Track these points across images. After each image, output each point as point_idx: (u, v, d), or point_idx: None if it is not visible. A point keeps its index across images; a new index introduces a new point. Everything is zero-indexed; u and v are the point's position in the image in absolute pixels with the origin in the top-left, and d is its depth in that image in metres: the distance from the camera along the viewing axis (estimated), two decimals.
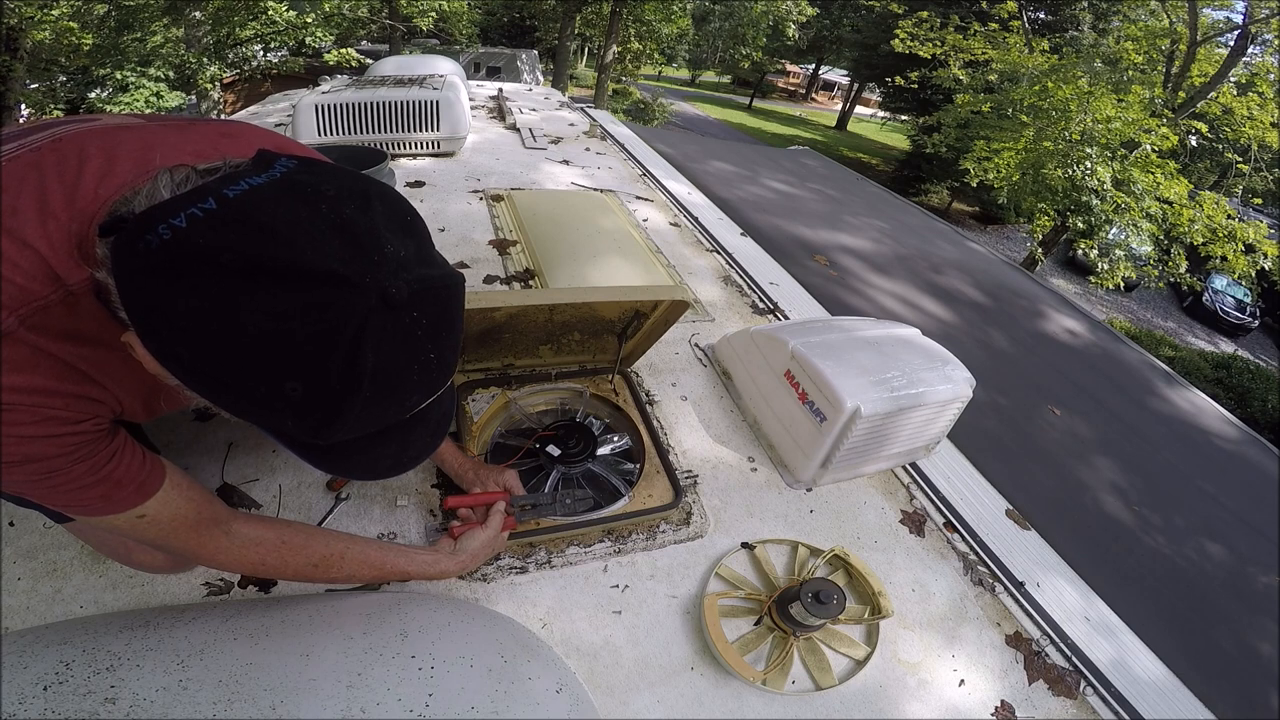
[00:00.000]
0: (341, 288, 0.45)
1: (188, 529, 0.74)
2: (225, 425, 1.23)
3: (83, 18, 9.04)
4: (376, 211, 0.51)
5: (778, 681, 1.00)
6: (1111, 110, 7.75)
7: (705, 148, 4.79)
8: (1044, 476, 2.11)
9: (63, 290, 0.54)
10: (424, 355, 0.51)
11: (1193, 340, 12.71)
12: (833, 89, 37.58)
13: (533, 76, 13.44)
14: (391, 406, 0.53)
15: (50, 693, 0.67)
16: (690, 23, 15.80)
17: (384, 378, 0.48)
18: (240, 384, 0.47)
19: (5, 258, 0.52)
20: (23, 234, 0.53)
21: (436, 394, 0.56)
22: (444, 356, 0.54)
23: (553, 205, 2.43)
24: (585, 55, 30.14)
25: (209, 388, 0.49)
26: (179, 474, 0.74)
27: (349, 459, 0.60)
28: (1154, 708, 1.13)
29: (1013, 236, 16.13)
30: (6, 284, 0.51)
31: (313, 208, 0.47)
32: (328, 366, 0.45)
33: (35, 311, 0.52)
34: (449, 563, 0.96)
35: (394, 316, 0.47)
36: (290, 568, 0.83)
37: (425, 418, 0.61)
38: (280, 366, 0.45)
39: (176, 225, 0.44)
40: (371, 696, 0.73)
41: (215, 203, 0.45)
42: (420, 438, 0.64)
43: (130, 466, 0.66)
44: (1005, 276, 4.15)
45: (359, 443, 0.56)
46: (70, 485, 0.61)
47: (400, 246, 0.50)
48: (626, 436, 1.39)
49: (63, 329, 0.55)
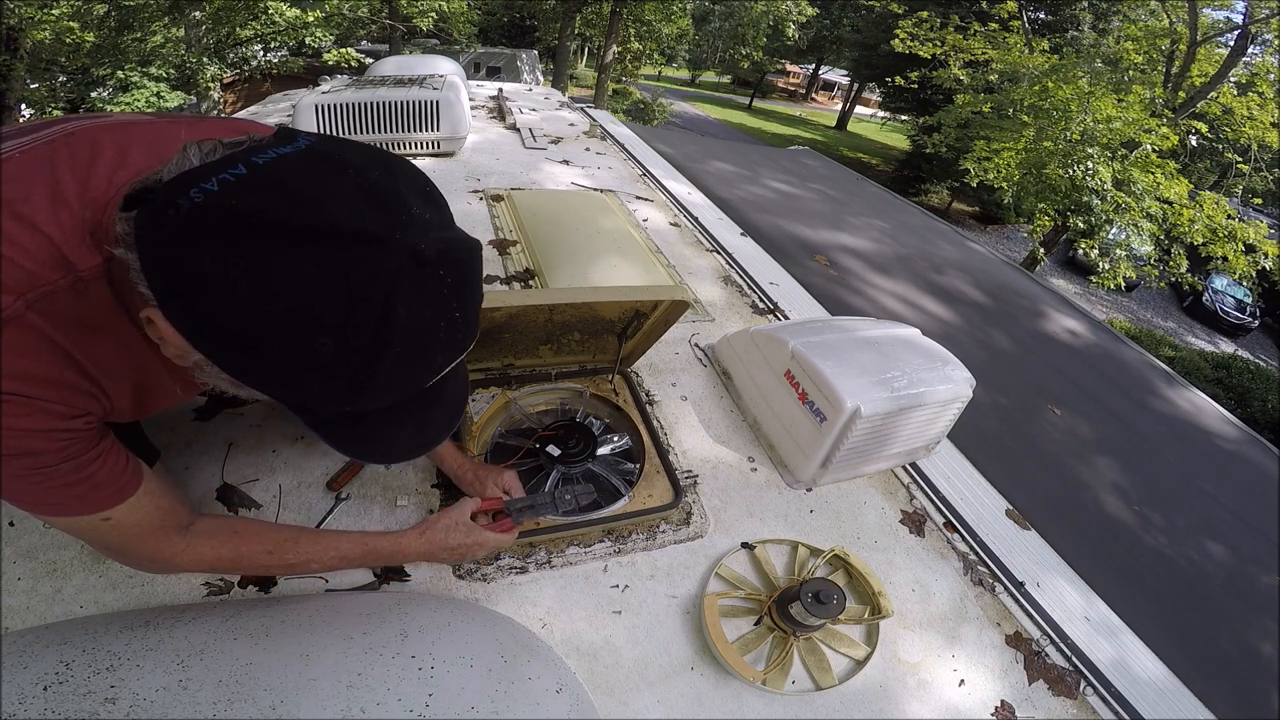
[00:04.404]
0: (372, 245, 0.46)
1: (147, 534, 0.73)
2: (225, 425, 1.22)
3: (83, 17, 9.03)
4: (400, 179, 0.52)
5: (778, 681, 1.00)
6: (1112, 110, 7.75)
7: (705, 148, 4.79)
8: (1044, 476, 2.11)
9: (72, 276, 0.54)
10: (450, 313, 0.52)
11: (1193, 340, 12.71)
12: (833, 89, 37.58)
13: (533, 76, 13.44)
14: (419, 367, 0.52)
15: (50, 693, 0.66)
16: (690, 23, 15.81)
17: (413, 334, 0.49)
18: (270, 346, 0.46)
19: (14, 242, 0.51)
20: (34, 220, 0.53)
21: (461, 355, 0.56)
22: (468, 316, 0.54)
23: (553, 205, 2.43)
24: (585, 55, 30.15)
25: (236, 356, 0.48)
26: (154, 480, 0.73)
27: (369, 436, 0.59)
28: (1154, 708, 1.13)
29: (1013, 236, 16.13)
30: (15, 268, 0.51)
31: (340, 173, 0.48)
32: (359, 322, 0.46)
33: (43, 296, 0.52)
34: (412, 541, 0.94)
35: (423, 274, 0.48)
36: (245, 557, 0.82)
37: (442, 395, 0.61)
38: (312, 323, 0.45)
39: (208, 189, 0.45)
40: (371, 696, 0.73)
41: (245, 169, 0.46)
42: (438, 417, 0.64)
43: (113, 470, 0.65)
44: (1005, 276, 4.15)
45: (380, 417, 0.56)
46: (51, 484, 0.60)
47: (424, 211, 0.51)
48: (626, 436, 1.39)
49: (68, 316, 0.54)
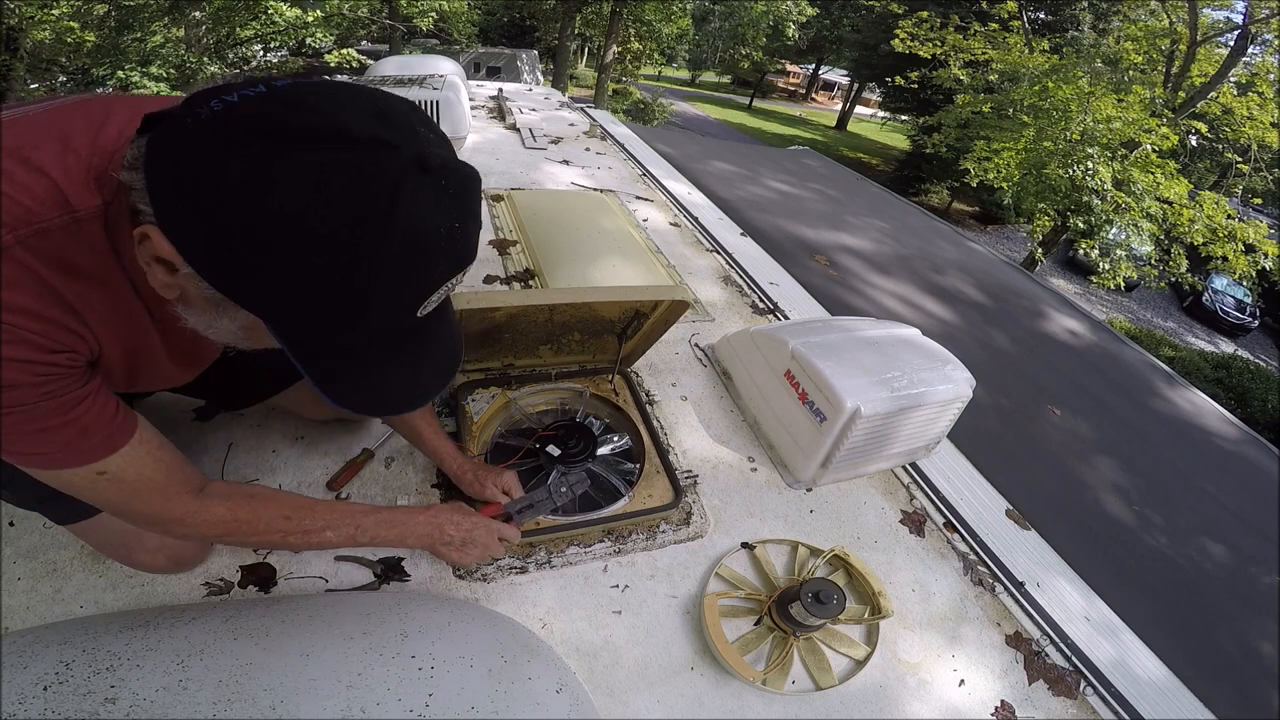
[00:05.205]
0: (381, 149, 0.48)
1: (152, 492, 0.71)
2: (225, 425, 1.23)
3: (83, 17, 9.04)
4: (409, 108, 0.55)
5: (778, 681, 1.00)
6: (1112, 110, 7.75)
7: (705, 148, 4.78)
8: (1044, 476, 2.11)
9: (68, 216, 0.55)
10: (451, 222, 0.53)
11: (1193, 340, 12.70)
12: (833, 89, 37.56)
13: (533, 76, 13.42)
14: (419, 273, 0.53)
15: (50, 693, 0.67)
16: (690, 23, 15.79)
17: (416, 235, 0.50)
18: (268, 244, 0.47)
19: (15, 181, 0.53)
20: (40, 164, 0.54)
21: (460, 273, 0.57)
22: (468, 233, 0.56)
23: (553, 205, 2.43)
24: (585, 55, 30.14)
25: (235, 266, 0.49)
26: (151, 432, 0.71)
27: (361, 378, 0.60)
28: (1154, 708, 1.13)
29: (1013, 236, 16.12)
30: (12, 204, 0.52)
31: (354, 96, 0.51)
32: (363, 216, 0.47)
33: (35, 233, 0.53)
34: (419, 517, 0.95)
35: (428, 179, 0.50)
36: (262, 520, 0.80)
37: (438, 336, 0.63)
38: (314, 216, 0.46)
39: (228, 100, 0.48)
40: (371, 696, 0.73)
41: (265, 88, 0.49)
42: (433, 361, 0.65)
43: (101, 414, 0.64)
44: (1005, 276, 4.15)
45: (373, 353, 0.58)
46: (34, 426, 0.58)
47: (429, 134, 0.54)
48: (626, 436, 1.39)
49: (59, 257, 0.55)
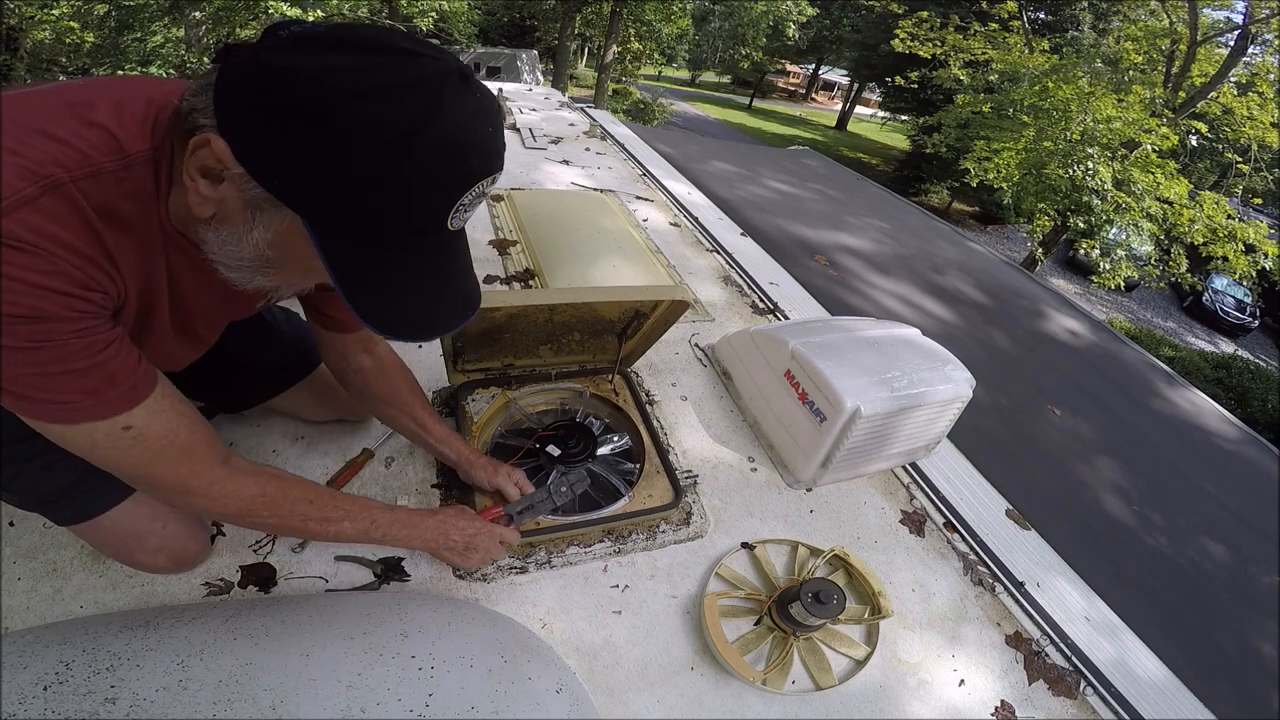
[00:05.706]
0: (427, 59, 0.56)
1: (178, 454, 0.70)
2: (225, 425, 1.23)
3: (83, 17, 9.04)
4: None
5: (778, 681, 1.00)
6: (1112, 110, 7.75)
7: (705, 148, 4.78)
8: (1044, 476, 2.11)
9: (120, 160, 0.59)
10: (485, 126, 0.60)
11: (1193, 340, 12.70)
12: (833, 89, 37.55)
13: (533, 76, 13.42)
14: (455, 163, 0.58)
15: (50, 693, 0.67)
16: (690, 23, 15.79)
17: (455, 133, 0.57)
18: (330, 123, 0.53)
19: (78, 133, 0.58)
20: (95, 118, 0.59)
21: (489, 177, 0.62)
22: (498, 142, 0.62)
23: (553, 205, 2.43)
24: (585, 55, 30.14)
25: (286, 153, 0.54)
26: (173, 389, 0.70)
27: (388, 297, 0.63)
28: (1154, 708, 1.13)
29: (1013, 236, 16.12)
30: (71, 150, 0.56)
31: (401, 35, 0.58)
32: (414, 110, 0.54)
33: (88, 175, 0.57)
34: (428, 521, 0.98)
35: (467, 87, 0.57)
36: (288, 500, 0.81)
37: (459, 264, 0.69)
38: (374, 106, 0.53)
39: (295, 30, 0.56)
40: (371, 696, 0.73)
41: (326, 28, 0.57)
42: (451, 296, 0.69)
43: (126, 362, 0.64)
44: (1005, 276, 4.15)
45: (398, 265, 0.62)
46: (61, 367, 0.58)
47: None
48: (626, 436, 1.39)
49: (105, 202, 0.58)
